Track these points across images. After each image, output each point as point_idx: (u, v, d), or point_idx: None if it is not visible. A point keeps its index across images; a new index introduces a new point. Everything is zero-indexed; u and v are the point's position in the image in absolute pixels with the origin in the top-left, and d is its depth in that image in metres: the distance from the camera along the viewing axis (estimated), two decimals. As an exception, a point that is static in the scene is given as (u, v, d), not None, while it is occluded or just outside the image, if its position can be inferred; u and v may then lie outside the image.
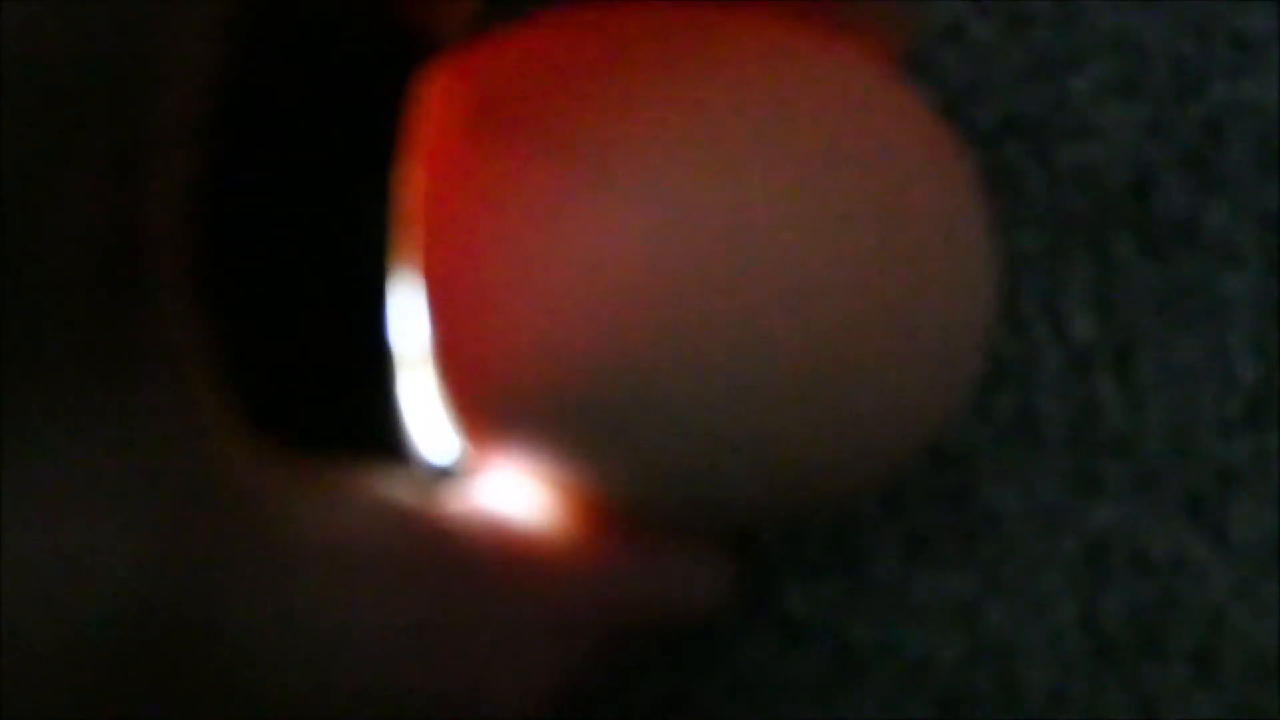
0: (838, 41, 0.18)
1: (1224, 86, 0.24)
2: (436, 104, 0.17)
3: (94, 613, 0.13)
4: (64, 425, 0.13)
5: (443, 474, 0.18)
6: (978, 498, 0.24)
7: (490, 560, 0.17)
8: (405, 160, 0.18)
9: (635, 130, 0.16)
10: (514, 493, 0.18)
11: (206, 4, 0.13)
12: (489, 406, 0.17)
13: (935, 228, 0.17)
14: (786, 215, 0.16)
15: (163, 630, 0.13)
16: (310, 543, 0.15)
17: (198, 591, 0.14)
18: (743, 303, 0.16)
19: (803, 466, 0.17)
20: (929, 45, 0.24)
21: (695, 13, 0.17)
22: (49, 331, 0.13)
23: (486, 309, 0.16)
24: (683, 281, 0.16)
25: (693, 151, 0.16)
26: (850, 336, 0.16)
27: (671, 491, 0.17)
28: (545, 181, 0.16)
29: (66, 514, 0.13)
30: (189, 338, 0.14)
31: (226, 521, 0.14)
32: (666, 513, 0.18)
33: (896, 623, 0.24)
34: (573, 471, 0.17)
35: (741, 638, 0.24)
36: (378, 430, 0.18)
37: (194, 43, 0.13)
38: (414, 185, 0.17)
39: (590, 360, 0.16)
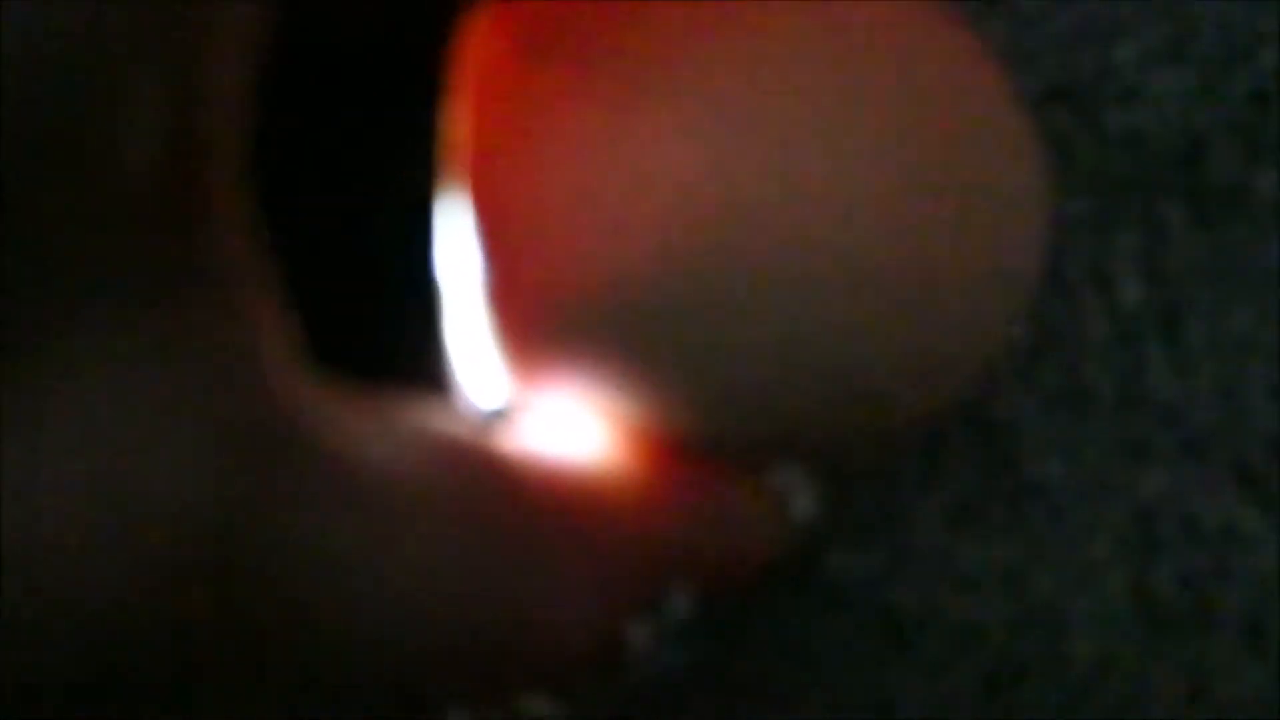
0: None
1: (1273, 53, 0.24)
2: (485, 32, 0.17)
3: (144, 538, 0.13)
4: (115, 345, 0.13)
5: (494, 409, 0.18)
6: (1023, 466, 0.24)
7: (541, 497, 0.17)
8: (454, 89, 0.17)
9: (690, 48, 0.16)
10: (567, 428, 0.18)
11: None
12: (543, 333, 0.17)
13: (994, 148, 0.17)
14: (845, 129, 0.16)
15: (215, 556, 0.13)
16: (364, 469, 0.15)
17: (249, 519, 0.14)
18: (803, 216, 0.16)
19: (868, 384, 0.17)
20: (975, 12, 0.24)
21: None
22: (101, 246, 0.12)
23: (541, 233, 0.16)
24: (741, 196, 0.16)
25: (748, 69, 0.16)
26: (913, 250, 0.16)
27: (734, 416, 0.17)
28: (599, 102, 0.16)
29: (117, 437, 0.13)
30: (243, 259, 0.14)
31: (279, 448, 0.14)
32: (730, 442, 0.17)
33: (942, 591, 0.24)
34: (630, 399, 0.17)
35: (784, 605, 0.24)
36: (427, 364, 0.18)
37: None
38: (463, 114, 0.17)
39: (649, 276, 0.16)
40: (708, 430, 0.17)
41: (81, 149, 0.12)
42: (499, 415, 0.18)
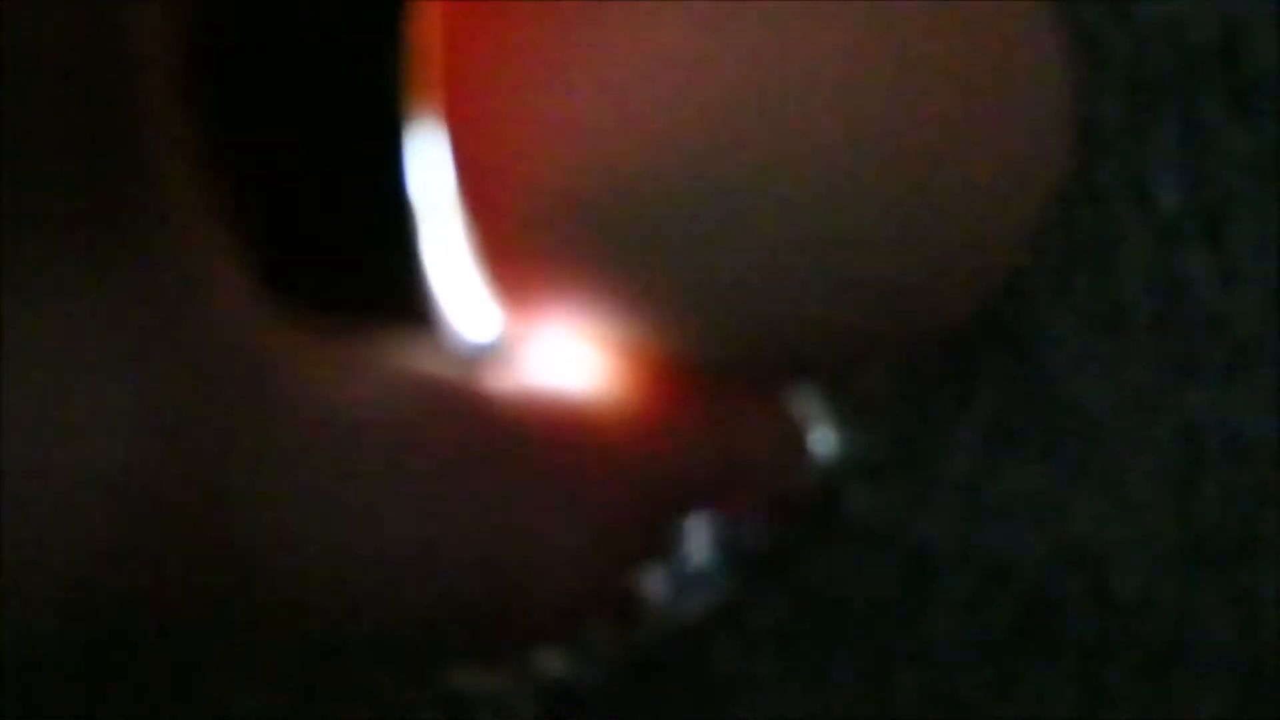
0: None
1: (1318, -68, 0.22)
2: None
3: (98, 474, 0.12)
4: (59, 280, 0.12)
5: (483, 347, 0.17)
6: (1059, 386, 0.23)
7: (532, 434, 0.16)
8: (421, 17, 0.17)
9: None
10: (559, 358, 0.17)
11: None
12: (526, 252, 0.16)
13: (1009, 38, 0.16)
14: (838, 25, 0.15)
15: (168, 492, 0.13)
16: (326, 410, 0.14)
17: (202, 450, 0.13)
18: (795, 115, 0.15)
19: (875, 292, 0.16)
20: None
21: None
22: (32, 176, 0.12)
23: (516, 150, 0.16)
24: (727, 98, 0.15)
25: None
26: (919, 148, 0.16)
27: (733, 331, 0.16)
28: (568, 17, 0.15)
29: (59, 367, 0.12)
30: (189, 187, 0.13)
31: (232, 380, 0.13)
32: (734, 363, 0.17)
33: (973, 524, 0.22)
34: (621, 319, 0.16)
35: (806, 545, 0.22)
36: (409, 299, 0.17)
37: None
38: (431, 40, 0.16)
39: (633, 185, 0.15)
40: (709, 350, 0.16)
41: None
42: (487, 347, 0.17)
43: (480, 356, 0.17)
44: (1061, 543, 0.22)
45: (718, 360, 0.17)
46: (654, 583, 0.22)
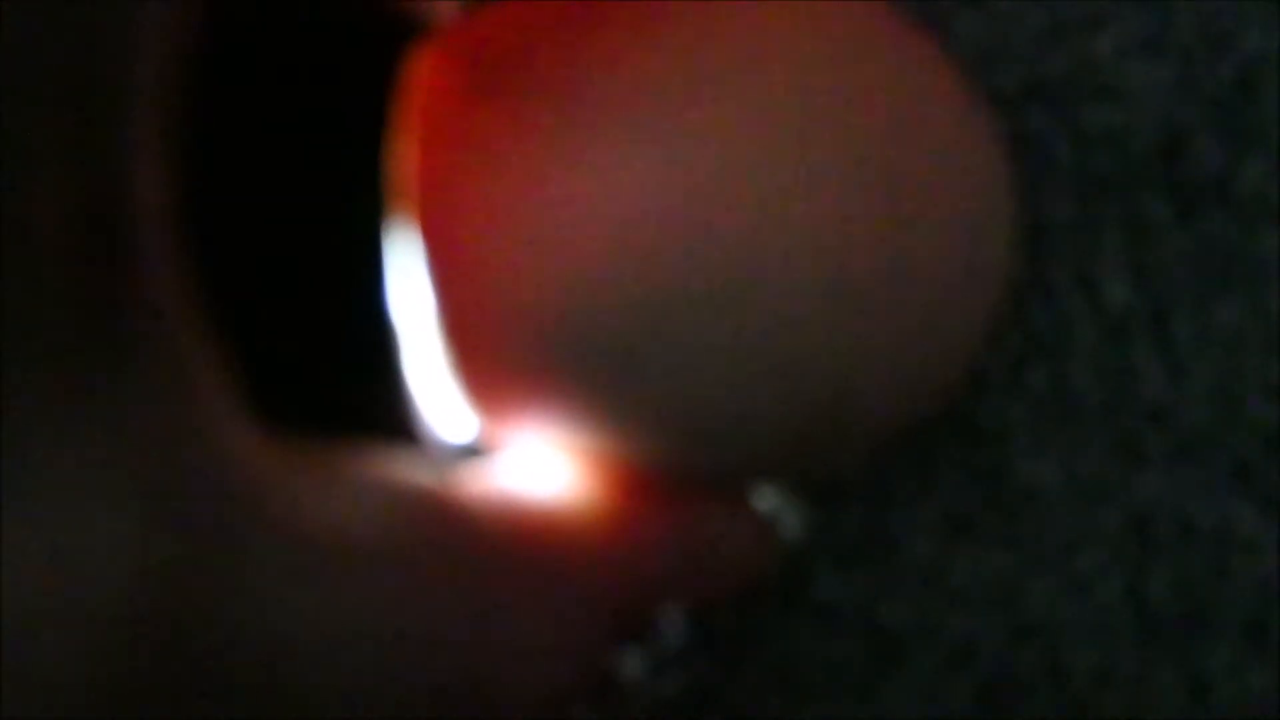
0: None
1: (1255, 40, 0.23)
2: (429, 74, 0.17)
3: (95, 604, 0.13)
4: (56, 413, 0.12)
5: (459, 453, 0.18)
6: (1014, 473, 0.23)
7: (511, 541, 0.16)
8: (398, 132, 0.17)
9: (632, 74, 0.16)
10: (534, 467, 0.17)
11: None
12: (501, 365, 0.17)
13: (949, 154, 0.17)
14: (797, 142, 0.16)
15: (166, 620, 0.13)
16: (317, 531, 0.15)
17: (201, 582, 0.13)
18: (758, 232, 0.16)
19: (840, 398, 0.17)
20: (948, 10, 0.23)
21: None
22: (31, 313, 0.12)
23: (491, 264, 0.16)
24: (684, 215, 0.16)
25: (694, 89, 0.16)
26: (877, 258, 0.16)
27: (702, 440, 0.17)
28: (543, 133, 0.16)
29: (62, 506, 0.13)
30: (182, 319, 0.14)
31: (229, 510, 0.14)
32: (704, 468, 0.17)
33: (935, 606, 0.23)
34: (594, 429, 0.17)
35: (774, 626, 0.23)
36: (387, 409, 0.18)
37: (165, 6, 0.12)
38: (408, 154, 0.17)
39: (601, 298, 0.16)
40: (678, 457, 0.17)
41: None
42: (465, 455, 0.18)
43: (458, 464, 0.18)
44: (1019, 623, 0.23)
45: (683, 464, 0.17)
46: (631, 664, 0.22)
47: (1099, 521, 0.23)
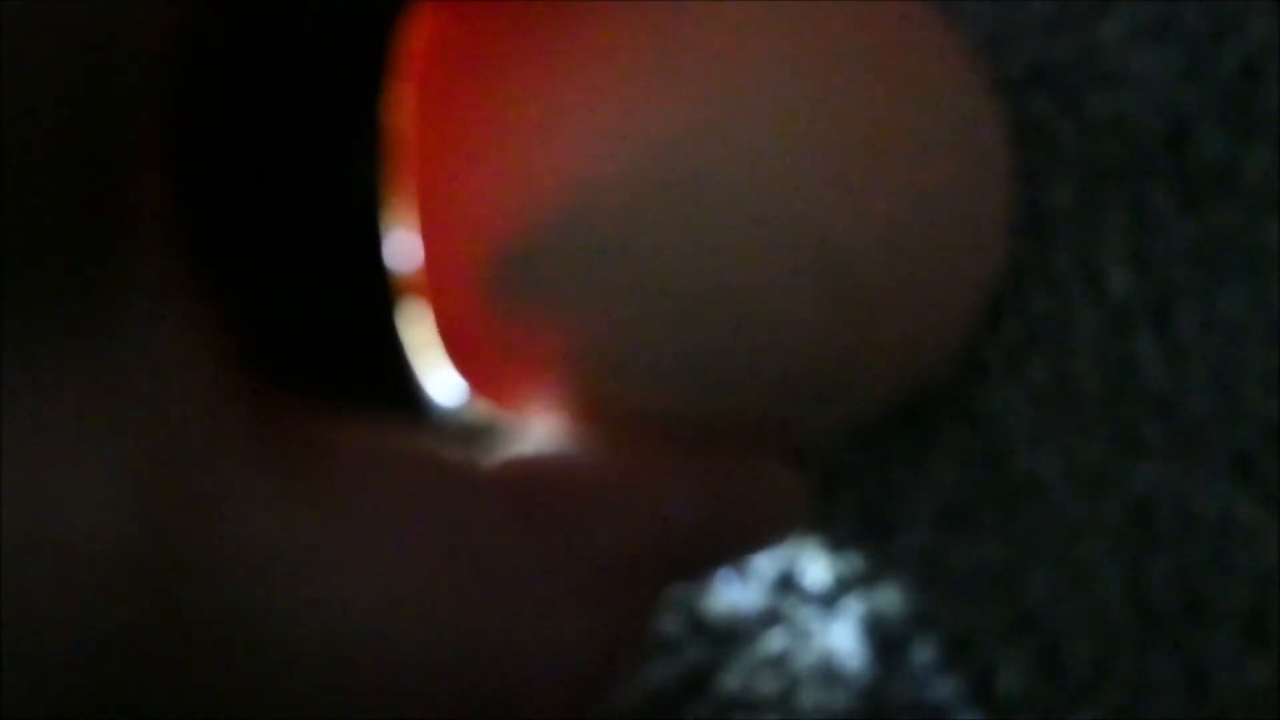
0: None
1: (1260, 27, 0.23)
2: (427, 27, 0.17)
3: (87, 554, 0.12)
4: (44, 361, 0.12)
5: (456, 416, 0.18)
6: (1014, 462, 0.23)
7: (519, 502, 0.16)
8: (398, 85, 0.17)
9: (623, 30, 0.16)
10: (541, 428, 0.17)
11: None
12: (494, 317, 0.16)
13: (946, 123, 0.17)
14: (786, 94, 0.16)
15: (158, 572, 0.13)
16: (312, 490, 0.14)
17: (193, 536, 0.13)
18: (738, 177, 0.16)
19: (825, 362, 0.17)
20: (951, -5, 0.23)
21: None
22: (20, 266, 0.12)
23: (470, 210, 0.16)
24: (670, 156, 0.16)
25: (684, 39, 0.16)
26: (866, 221, 0.16)
27: (692, 389, 0.17)
28: (538, 88, 0.16)
29: (51, 455, 0.12)
30: (176, 274, 0.13)
31: (222, 465, 0.13)
32: (692, 412, 0.17)
33: (933, 595, 0.23)
34: (590, 375, 0.16)
35: (769, 614, 0.23)
36: (383, 369, 0.18)
37: None
38: (407, 109, 0.17)
39: (571, 236, 0.16)
40: (672, 405, 0.17)
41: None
42: (464, 421, 0.18)
43: (459, 428, 0.17)
44: (1017, 613, 0.23)
45: (685, 413, 0.17)
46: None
47: (1099, 511, 0.23)
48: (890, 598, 0.23)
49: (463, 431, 0.18)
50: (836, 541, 0.23)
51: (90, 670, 0.13)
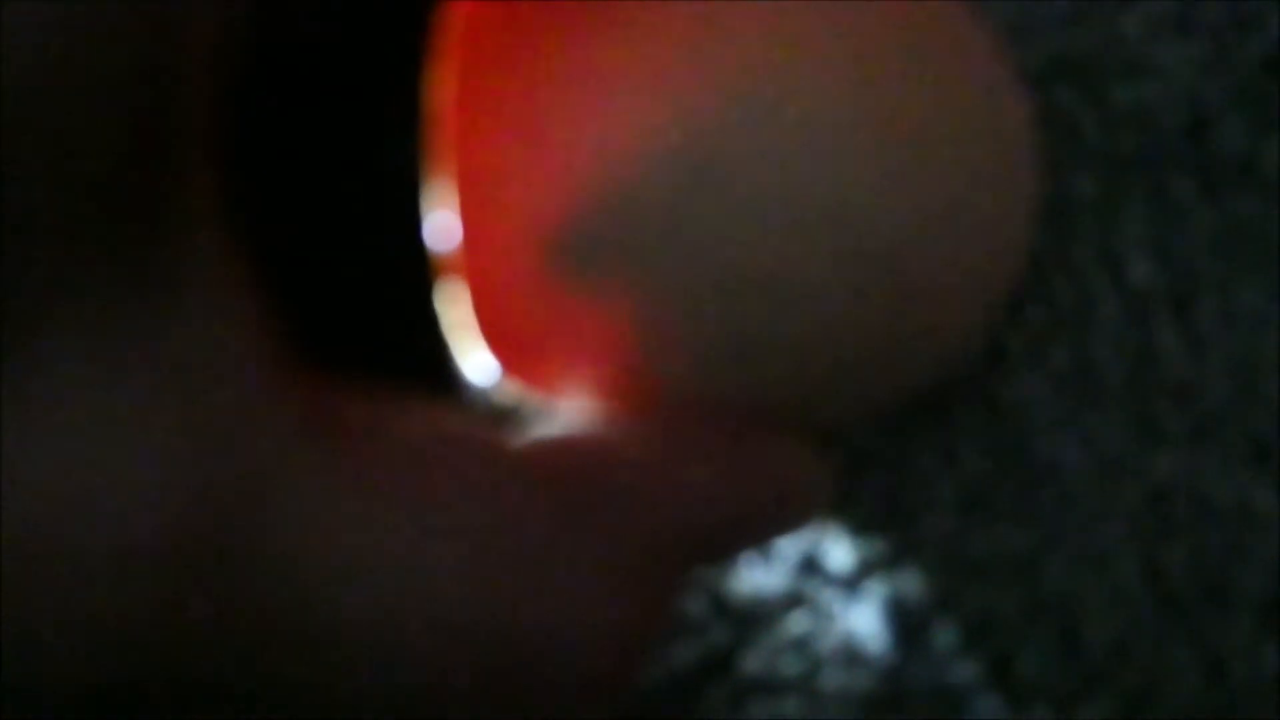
0: None
1: (1282, 20, 0.23)
2: (465, 18, 0.17)
3: (138, 537, 0.13)
4: (92, 343, 0.12)
5: (494, 397, 0.18)
6: (1034, 449, 0.23)
7: (555, 483, 0.16)
8: (436, 78, 0.17)
9: (648, 20, 0.16)
10: (573, 409, 0.17)
11: None
12: (533, 297, 0.17)
13: (973, 112, 0.17)
14: (822, 81, 0.16)
15: (210, 556, 0.13)
16: (358, 470, 0.14)
17: (242, 518, 0.13)
18: (772, 160, 0.16)
19: (853, 347, 0.17)
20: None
21: None
22: (73, 241, 0.12)
23: (510, 190, 0.16)
24: (709, 141, 0.16)
25: (717, 30, 0.16)
26: (893, 202, 0.16)
27: (722, 368, 0.17)
28: (578, 64, 0.16)
29: (101, 440, 0.12)
30: (228, 260, 0.14)
31: (264, 450, 0.14)
32: (731, 399, 0.17)
33: (953, 580, 0.23)
34: (627, 356, 0.17)
35: (792, 596, 0.23)
36: (428, 356, 0.18)
37: None
38: (448, 86, 0.17)
39: (610, 217, 0.16)
40: (702, 380, 0.17)
41: (47, 141, 0.12)
42: (495, 401, 0.18)
43: (495, 408, 0.17)
44: (1036, 597, 0.23)
45: (715, 393, 0.17)
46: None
47: (1118, 498, 0.23)
48: (912, 581, 0.23)
49: (493, 411, 0.18)
50: (860, 525, 0.23)
51: (141, 649, 0.13)
